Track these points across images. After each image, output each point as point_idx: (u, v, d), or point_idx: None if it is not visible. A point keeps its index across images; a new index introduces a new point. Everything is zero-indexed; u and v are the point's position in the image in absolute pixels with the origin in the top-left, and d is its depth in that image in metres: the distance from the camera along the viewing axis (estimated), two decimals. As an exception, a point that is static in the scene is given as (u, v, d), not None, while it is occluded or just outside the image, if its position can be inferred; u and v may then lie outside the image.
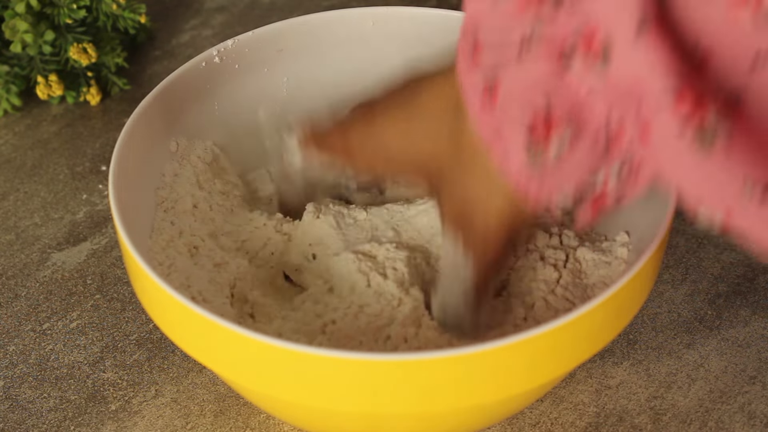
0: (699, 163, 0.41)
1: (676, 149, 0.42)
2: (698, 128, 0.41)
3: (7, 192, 0.72)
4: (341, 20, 0.64)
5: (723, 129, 0.41)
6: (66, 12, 0.75)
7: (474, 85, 0.47)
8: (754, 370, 0.60)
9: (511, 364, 0.47)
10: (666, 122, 0.42)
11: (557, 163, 0.46)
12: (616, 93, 0.43)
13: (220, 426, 0.58)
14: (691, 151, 0.41)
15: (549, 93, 0.45)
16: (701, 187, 0.42)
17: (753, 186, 0.41)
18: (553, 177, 0.47)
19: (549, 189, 0.47)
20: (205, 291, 0.54)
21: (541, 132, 0.46)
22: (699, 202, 0.42)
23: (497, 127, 0.46)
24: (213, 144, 0.62)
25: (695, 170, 0.42)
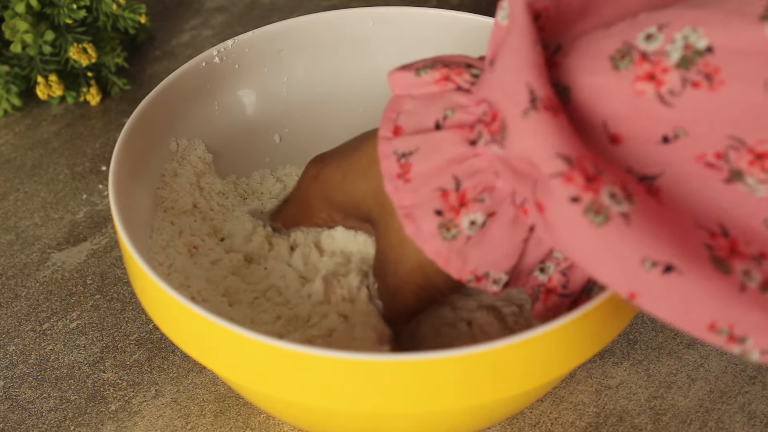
0: (594, 237, 0.41)
1: (566, 224, 0.42)
2: (589, 206, 0.41)
3: (7, 192, 0.72)
4: (341, 20, 0.64)
5: (617, 210, 0.41)
6: (66, 12, 0.75)
7: (390, 157, 0.48)
8: (754, 370, 0.60)
9: (511, 364, 0.47)
10: (556, 201, 0.42)
11: (476, 239, 0.47)
12: (514, 175, 0.44)
13: (220, 426, 0.58)
14: (583, 225, 0.41)
15: (458, 176, 0.46)
16: (601, 266, 0.42)
17: (652, 266, 0.41)
18: (475, 251, 0.47)
19: (473, 262, 0.47)
20: (204, 291, 0.54)
21: (450, 213, 0.47)
22: (604, 280, 0.42)
23: (410, 203, 0.47)
24: (213, 144, 0.62)
25: (590, 244, 0.42)
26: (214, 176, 0.61)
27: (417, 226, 0.47)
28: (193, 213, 0.59)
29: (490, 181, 0.46)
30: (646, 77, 0.42)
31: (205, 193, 0.60)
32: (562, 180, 0.42)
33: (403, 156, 0.47)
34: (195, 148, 0.61)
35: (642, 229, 0.41)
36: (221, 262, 0.57)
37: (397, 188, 0.48)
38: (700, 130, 0.42)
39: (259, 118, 0.64)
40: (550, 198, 0.42)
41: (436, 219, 0.47)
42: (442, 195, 0.47)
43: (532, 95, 0.42)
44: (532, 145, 0.42)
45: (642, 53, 0.42)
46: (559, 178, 0.42)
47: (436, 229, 0.47)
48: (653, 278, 0.41)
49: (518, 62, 0.43)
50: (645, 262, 0.41)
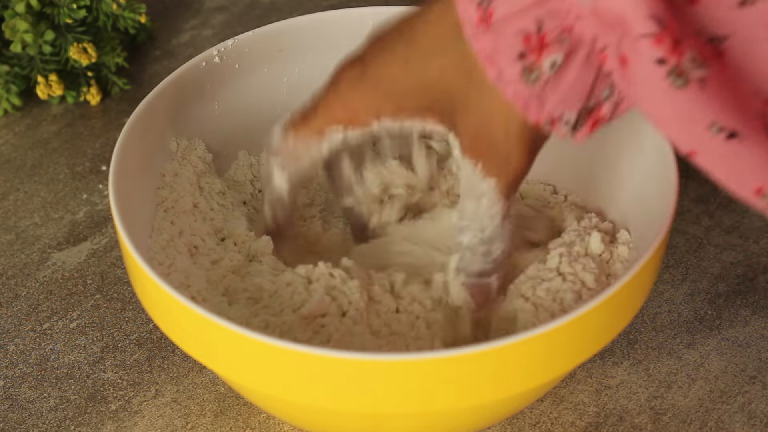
0: (670, 99, 0.43)
1: (649, 84, 0.43)
2: (672, 69, 0.42)
3: (7, 192, 0.72)
4: (341, 20, 0.64)
5: (697, 74, 0.42)
6: (66, 12, 0.75)
7: (468, 9, 0.47)
8: (754, 369, 0.60)
9: (511, 364, 0.47)
10: (642, 60, 0.43)
11: (554, 82, 0.47)
12: (600, 22, 0.44)
13: (220, 426, 0.58)
14: (663, 87, 0.43)
15: (540, 18, 0.46)
16: (670, 122, 0.43)
17: (718, 131, 0.42)
18: (552, 94, 0.47)
19: (550, 106, 0.48)
20: (204, 291, 0.54)
21: (533, 55, 0.47)
22: (668, 135, 0.44)
23: (492, 49, 0.47)
24: (213, 144, 0.62)
25: (666, 105, 0.43)
26: (214, 176, 0.61)
27: (499, 71, 0.47)
28: (193, 213, 0.59)
29: (569, 22, 0.46)
30: None
31: (205, 193, 0.60)
32: (653, 41, 0.42)
33: (482, 1, 0.47)
34: (195, 147, 0.61)
35: (714, 95, 0.42)
36: (221, 262, 0.57)
37: (477, 34, 0.47)
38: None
39: (259, 118, 0.64)
40: (636, 55, 0.43)
41: (519, 62, 0.47)
42: (525, 38, 0.46)
43: None
44: (627, 3, 0.42)
45: None
46: (649, 39, 0.42)
47: (519, 72, 0.47)
48: (717, 142, 0.43)
49: None
50: (712, 127, 0.42)
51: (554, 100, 0.48)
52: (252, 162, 0.64)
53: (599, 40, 0.45)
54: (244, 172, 0.63)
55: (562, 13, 0.46)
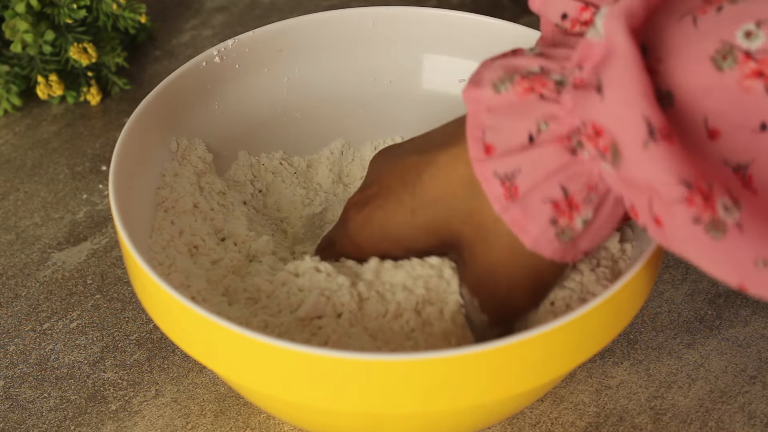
0: (711, 249, 0.44)
1: (688, 240, 0.44)
2: (709, 225, 0.44)
3: (7, 192, 0.72)
4: (341, 20, 0.64)
5: (732, 220, 0.44)
6: (66, 12, 0.75)
7: (491, 180, 0.49)
8: (754, 370, 0.60)
9: (511, 364, 0.47)
10: (678, 221, 0.44)
11: (588, 230, 0.49)
12: (625, 185, 0.46)
13: (220, 426, 0.58)
14: (703, 241, 0.44)
15: (564, 184, 0.48)
16: (716, 267, 0.45)
17: (765, 265, 0.44)
18: (586, 239, 0.49)
19: (584, 246, 0.50)
20: (204, 290, 0.54)
21: (564, 218, 0.48)
22: (715, 276, 0.45)
23: (523, 219, 0.49)
24: (213, 144, 0.62)
25: (709, 255, 0.44)
26: (215, 176, 0.61)
27: (534, 238, 0.49)
28: (193, 213, 0.59)
29: (593, 181, 0.48)
30: (754, 75, 0.44)
31: (206, 193, 0.60)
32: (685, 204, 0.44)
33: (506, 178, 0.48)
34: (195, 147, 0.61)
35: (753, 234, 0.44)
36: (221, 262, 0.57)
37: (506, 208, 0.49)
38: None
39: (259, 118, 0.64)
40: (671, 218, 0.44)
41: (552, 228, 0.48)
42: (554, 205, 0.48)
43: (649, 127, 0.43)
44: (654, 173, 0.44)
45: (745, 52, 0.44)
46: (682, 203, 0.44)
47: (553, 236, 0.49)
48: (765, 275, 0.44)
49: (630, 94, 0.44)
50: (758, 263, 0.44)
51: (587, 243, 0.50)
52: (252, 162, 0.64)
53: (626, 198, 0.47)
54: (244, 172, 0.63)
55: (585, 174, 0.47)
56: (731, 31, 0.44)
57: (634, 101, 0.44)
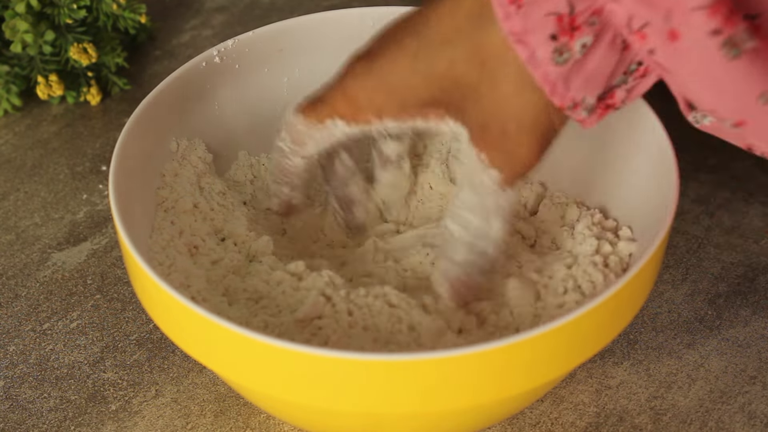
0: (723, 69, 0.43)
1: (703, 56, 0.43)
2: (727, 40, 0.43)
3: (7, 192, 0.72)
4: (341, 20, 0.64)
5: (749, 45, 0.43)
6: (66, 12, 0.75)
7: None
8: (754, 370, 0.60)
9: (511, 364, 0.47)
10: (696, 32, 0.43)
11: (581, 63, 0.48)
12: (639, 2, 0.45)
13: (220, 426, 0.58)
14: (717, 57, 0.43)
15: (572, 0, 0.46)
16: (719, 94, 0.44)
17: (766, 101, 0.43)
18: (577, 77, 0.48)
19: (574, 90, 0.48)
20: (204, 291, 0.54)
21: (565, 36, 0.47)
22: (713, 109, 0.44)
23: (523, 30, 0.47)
24: (213, 144, 0.62)
25: (719, 76, 0.44)
26: (215, 176, 0.61)
27: (531, 52, 0.47)
28: (193, 213, 0.59)
29: (599, 4, 0.46)
30: None
31: (206, 193, 0.60)
32: (708, 13, 0.43)
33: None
34: (195, 148, 0.61)
35: (765, 65, 0.43)
36: (221, 262, 0.57)
37: (508, 14, 0.47)
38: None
39: (259, 118, 0.64)
40: (689, 28, 0.43)
41: (551, 43, 0.47)
42: (557, 19, 0.47)
43: None
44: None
45: None
46: (704, 11, 0.43)
47: (550, 53, 0.47)
48: (766, 111, 0.43)
49: None
50: (762, 96, 0.43)
51: (578, 84, 0.48)
52: (252, 162, 0.64)
53: (636, 18, 0.45)
54: (244, 172, 0.63)
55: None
56: None
57: None
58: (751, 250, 0.67)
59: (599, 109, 0.50)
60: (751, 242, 0.67)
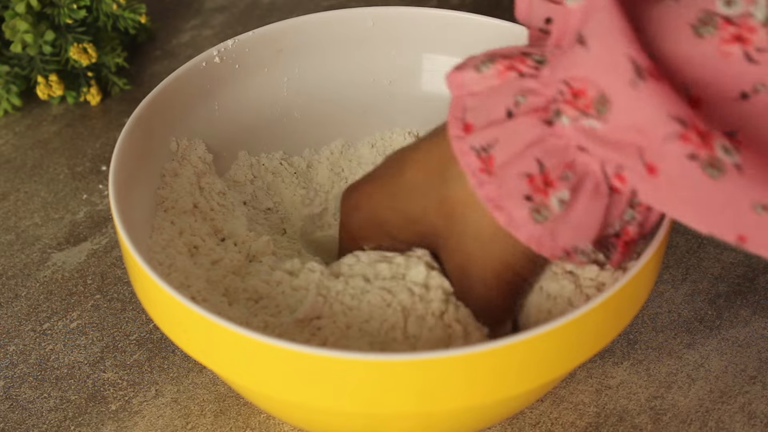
0: (709, 191, 0.43)
1: (686, 182, 0.44)
2: (706, 162, 0.43)
3: (7, 192, 0.72)
4: (341, 20, 0.64)
5: (731, 161, 0.43)
6: (66, 12, 0.75)
7: (468, 154, 0.48)
8: (754, 370, 0.60)
9: (511, 364, 0.47)
10: (673, 161, 0.43)
11: (564, 216, 0.48)
12: (608, 147, 0.45)
13: (220, 426, 0.58)
14: (700, 181, 0.43)
15: (539, 158, 0.47)
16: (712, 216, 0.44)
17: (763, 210, 0.43)
18: (564, 229, 0.48)
19: (563, 240, 0.48)
20: (204, 291, 0.54)
21: (539, 195, 0.47)
22: (709, 232, 0.44)
23: (497, 195, 0.48)
24: (213, 144, 0.62)
25: (706, 198, 0.44)
26: (215, 176, 0.61)
27: (509, 216, 0.48)
28: (193, 213, 0.59)
29: (569, 157, 0.47)
30: (733, 39, 0.44)
31: (206, 193, 0.60)
32: (680, 141, 0.43)
33: (482, 150, 0.48)
34: (195, 148, 0.61)
35: (752, 177, 0.43)
36: (221, 262, 0.57)
37: (482, 182, 0.48)
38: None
39: (259, 119, 0.64)
40: (665, 160, 0.44)
41: (527, 204, 0.47)
42: (529, 180, 0.47)
43: (635, 66, 0.43)
44: (645, 112, 0.43)
45: (725, 18, 0.44)
46: (676, 140, 0.43)
47: (528, 214, 0.48)
48: (764, 221, 0.43)
49: (614, 38, 0.44)
50: (756, 207, 0.43)
51: (566, 235, 0.48)
52: (252, 162, 0.64)
53: (609, 164, 0.46)
54: (244, 172, 0.63)
55: (561, 149, 0.47)
56: (712, 1, 0.44)
57: (619, 44, 0.44)
58: (751, 250, 0.67)
59: (620, 247, 0.50)
60: (751, 242, 0.67)
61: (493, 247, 0.50)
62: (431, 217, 0.52)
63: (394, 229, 0.54)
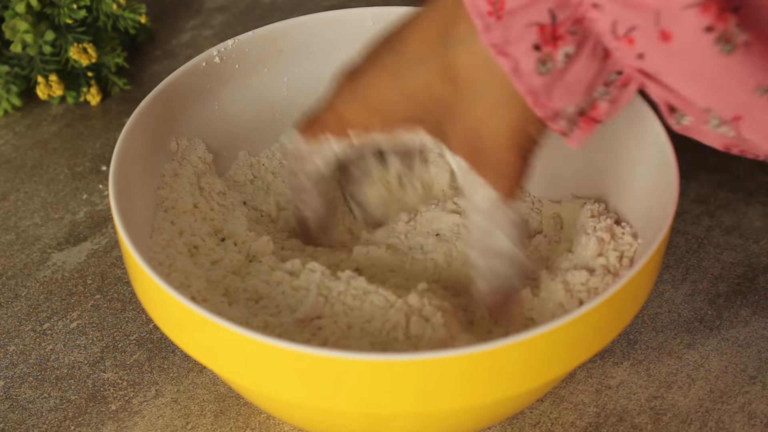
0: (718, 65, 0.43)
1: (697, 54, 0.43)
2: (720, 36, 0.43)
3: (8, 192, 0.72)
4: (341, 20, 0.64)
5: (742, 38, 0.43)
6: (66, 12, 0.75)
7: (477, 1, 0.47)
8: (754, 370, 0.60)
9: (511, 364, 0.47)
10: (689, 31, 0.43)
11: (563, 73, 0.47)
12: (626, 6, 0.45)
13: (220, 426, 0.58)
14: (712, 53, 0.43)
15: (553, 9, 0.46)
16: (715, 90, 0.44)
17: (764, 92, 0.43)
18: (559, 86, 0.48)
19: (556, 97, 0.48)
20: (204, 290, 0.54)
21: (548, 46, 0.47)
22: (708, 106, 0.44)
23: (504, 41, 0.47)
24: (213, 144, 0.62)
25: (714, 72, 0.44)
26: (215, 176, 0.61)
27: (515, 63, 0.47)
28: (193, 213, 0.59)
29: (580, 13, 0.46)
30: None
31: (206, 193, 0.60)
32: (699, 10, 0.43)
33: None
34: (195, 148, 0.61)
35: (759, 57, 0.43)
36: (221, 262, 0.57)
37: (488, 26, 0.47)
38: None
39: (259, 119, 0.64)
40: (681, 27, 0.43)
41: (534, 54, 0.47)
42: (540, 29, 0.46)
43: None
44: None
45: None
46: (695, 8, 0.43)
47: (534, 64, 0.47)
48: (762, 103, 0.43)
49: None
50: (758, 89, 0.43)
51: (559, 93, 0.48)
52: (252, 162, 0.64)
53: (621, 23, 0.45)
54: (244, 172, 0.63)
55: (573, 3, 0.46)
56: None
57: None
58: (751, 250, 0.67)
59: (582, 123, 0.49)
60: (751, 242, 0.67)
61: (503, 108, 0.49)
62: (435, 86, 0.50)
63: (391, 109, 0.52)
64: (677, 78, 0.45)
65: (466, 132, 0.51)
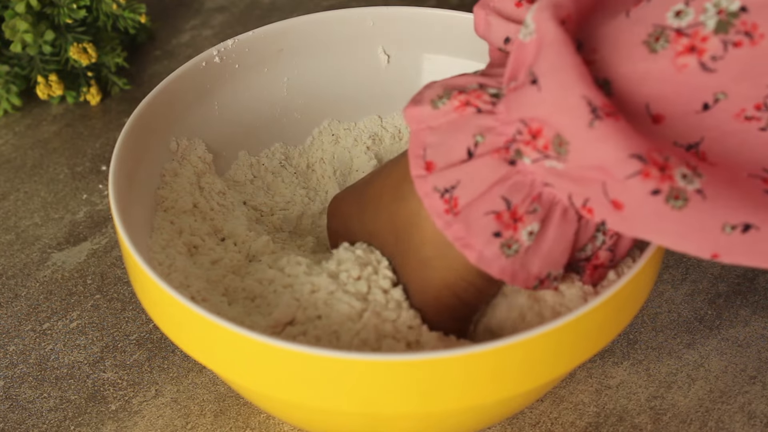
0: (676, 221, 0.44)
1: (650, 216, 0.44)
2: (668, 195, 0.43)
3: (7, 192, 0.72)
4: (341, 20, 0.64)
5: (692, 188, 0.43)
6: (66, 12, 0.75)
7: (431, 195, 0.48)
8: (754, 370, 0.60)
9: (511, 364, 0.47)
10: (637, 198, 0.44)
11: (534, 247, 0.48)
12: (572, 183, 0.45)
13: (220, 426, 0.58)
14: (666, 213, 0.43)
15: (505, 196, 0.47)
16: (683, 240, 0.44)
17: (732, 229, 0.43)
18: (535, 258, 0.48)
19: (536, 269, 0.49)
20: (204, 290, 0.54)
21: (508, 231, 0.48)
22: (683, 250, 0.44)
23: (465, 234, 0.48)
24: (213, 144, 0.62)
25: (674, 227, 0.44)
26: (214, 176, 0.61)
27: (479, 253, 0.48)
28: (193, 213, 0.59)
29: (535, 191, 0.47)
30: (687, 50, 0.44)
31: (205, 193, 0.60)
32: (640, 178, 0.43)
33: (446, 191, 0.48)
34: (195, 147, 0.61)
35: (716, 199, 0.43)
36: (221, 261, 0.57)
37: (448, 223, 0.48)
38: (742, 87, 0.43)
39: (259, 118, 0.64)
40: (628, 195, 0.44)
41: (496, 241, 0.48)
42: (496, 217, 0.47)
43: (591, 106, 0.43)
44: (604, 152, 0.43)
45: (677, 30, 0.44)
46: (636, 177, 0.43)
47: (498, 250, 0.48)
48: (734, 239, 0.43)
49: (567, 78, 0.44)
50: (725, 228, 0.43)
51: (538, 264, 0.48)
52: (252, 162, 0.64)
53: (576, 196, 0.46)
54: (244, 172, 0.63)
55: (526, 184, 0.47)
56: (662, 14, 0.44)
57: (571, 84, 0.43)
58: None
59: (589, 270, 0.51)
60: (751, 242, 0.67)
61: (433, 269, 0.50)
62: (384, 234, 0.53)
63: (362, 238, 0.55)
64: (646, 235, 0.45)
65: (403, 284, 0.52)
